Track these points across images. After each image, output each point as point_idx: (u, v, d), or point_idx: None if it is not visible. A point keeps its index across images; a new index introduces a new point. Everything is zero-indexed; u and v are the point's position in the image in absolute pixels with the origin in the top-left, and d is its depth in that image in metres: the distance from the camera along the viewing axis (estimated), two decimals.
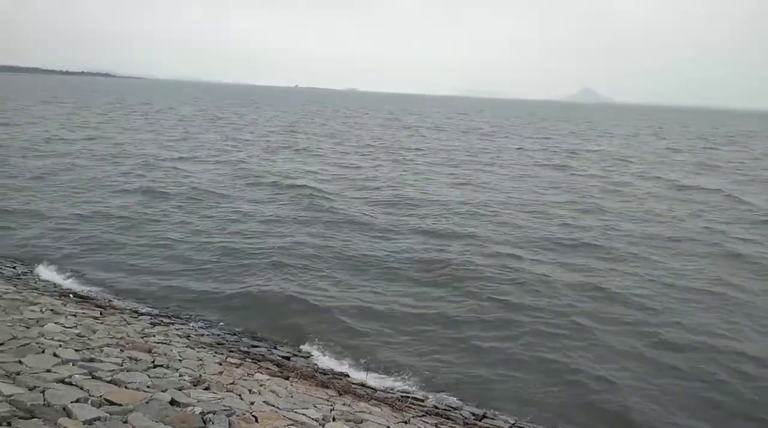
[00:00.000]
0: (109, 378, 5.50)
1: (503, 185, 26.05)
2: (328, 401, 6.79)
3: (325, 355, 9.48)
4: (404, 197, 21.79)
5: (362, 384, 8.38)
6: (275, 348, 9.58)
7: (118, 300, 10.91)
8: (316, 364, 9.05)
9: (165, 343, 7.96)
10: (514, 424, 7.68)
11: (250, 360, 8.30)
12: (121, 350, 6.77)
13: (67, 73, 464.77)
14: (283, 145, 38.17)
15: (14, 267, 12.25)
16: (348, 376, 8.70)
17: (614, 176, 30.42)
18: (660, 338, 10.45)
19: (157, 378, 5.93)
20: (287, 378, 7.60)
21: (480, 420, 7.66)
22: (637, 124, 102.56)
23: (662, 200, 23.79)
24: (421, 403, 7.94)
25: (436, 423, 6.97)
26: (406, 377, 8.84)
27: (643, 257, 15.17)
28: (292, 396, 6.61)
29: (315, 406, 6.31)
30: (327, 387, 7.56)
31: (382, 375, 8.89)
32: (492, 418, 7.81)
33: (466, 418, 7.62)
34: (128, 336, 7.80)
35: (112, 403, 4.83)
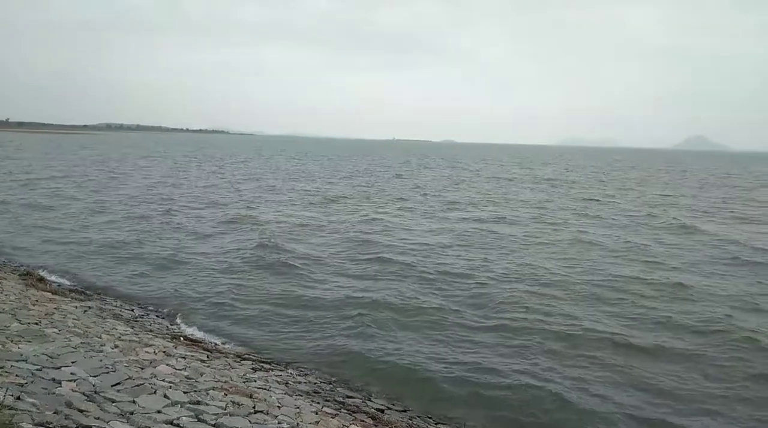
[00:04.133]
0: (213, 422, 5.70)
1: None
2: None
3: (419, 411, 9.25)
4: None
5: None
6: (369, 400, 9.49)
7: (224, 344, 11.40)
8: (411, 420, 8.85)
9: (265, 389, 8.16)
10: None
11: (345, 411, 8.28)
12: (225, 394, 7.01)
13: (188, 130, 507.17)
14: None
15: (132, 310, 13.21)
16: None
17: None
18: None
19: (258, 424, 6.07)
20: None
21: None
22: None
23: None
24: None
25: None
26: None
27: None
28: None
29: None
30: None
31: None
32: None
33: None
34: (232, 380, 8.08)
35: None
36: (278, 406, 7.30)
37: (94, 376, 6.42)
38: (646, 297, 14.97)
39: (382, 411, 8.94)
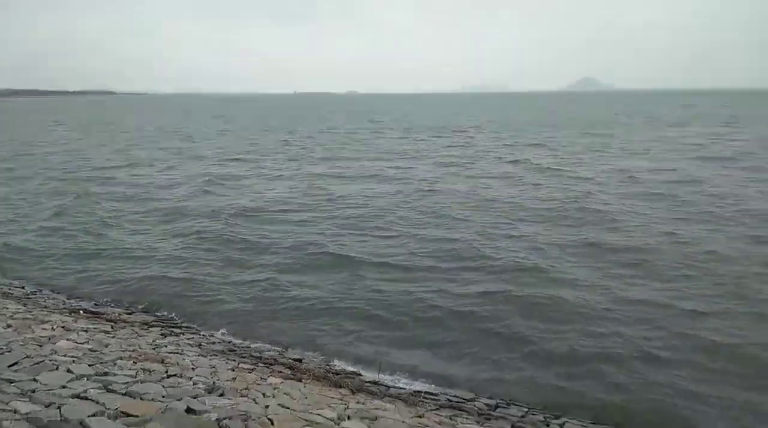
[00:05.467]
0: (123, 391, 5.56)
1: None
2: (342, 400, 6.82)
3: (336, 356, 9.53)
4: None
5: (375, 383, 8.43)
6: (286, 351, 9.65)
7: (128, 313, 10.99)
8: (328, 365, 9.09)
9: (177, 353, 8.02)
10: (526, 413, 7.71)
11: (262, 365, 8.34)
12: (134, 362, 6.84)
13: (69, 92, 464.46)
14: None
15: (23, 288, 12.36)
16: (360, 375, 8.76)
17: None
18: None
19: (172, 387, 5.99)
20: (300, 380, 7.63)
21: (494, 410, 7.71)
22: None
23: None
24: (435, 397, 7.98)
25: (450, 416, 7.00)
26: (419, 374, 8.90)
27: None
28: (306, 398, 6.65)
29: (329, 406, 6.35)
30: (340, 387, 7.60)
31: (395, 374, 8.95)
32: (505, 407, 7.85)
33: (480, 409, 7.67)
34: (140, 348, 7.87)
35: (128, 415, 4.88)
36: (192, 368, 7.22)
37: None
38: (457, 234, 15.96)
39: (299, 361, 9.11)
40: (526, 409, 7.83)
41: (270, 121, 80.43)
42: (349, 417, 6.00)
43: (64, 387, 5.47)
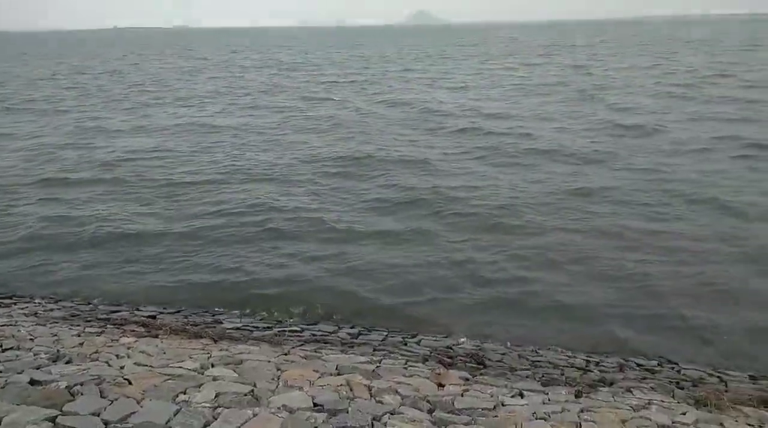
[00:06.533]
0: None
1: None
2: (203, 350, 6.69)
3: (193, 308, 9.25)
4: None
5: (238, 329, 8.35)
6: (137, 309, 9.16)
7: None
8: (186, 318, 8.82)
9: (10, 325, 7.28)
10: (386, 336, 8.23)
11: (111, 326, 7.86)
12: None
13: None
14: None
15: None
16: (222, 323, 8.62)
17: None
18: None
19: (9, 361, 5.49)
20: (156, 337, 7.32)
21: (356, 338, 8.10)
22: None
23: None
24: (299, 334, 8.16)
25: (315, 349, 7.22)
26: (282, 315, 8.96)
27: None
28: (164, 353, 6.43)
29: (191, 357, 6.21)
30: (201, 337, 7.43)
31: (257, 318, 8.91)
32: (366, 334, 8.29)
33: (343, 339, 8.01)
34: None
35: None
36: (31, 338, 6.62)
37: None
38: None
39: (154, 317, 8.72)
40: (385, 333, 8.34)
41: (95, 58, 71.92)
42: (213, 365, 5.92)
43: None
